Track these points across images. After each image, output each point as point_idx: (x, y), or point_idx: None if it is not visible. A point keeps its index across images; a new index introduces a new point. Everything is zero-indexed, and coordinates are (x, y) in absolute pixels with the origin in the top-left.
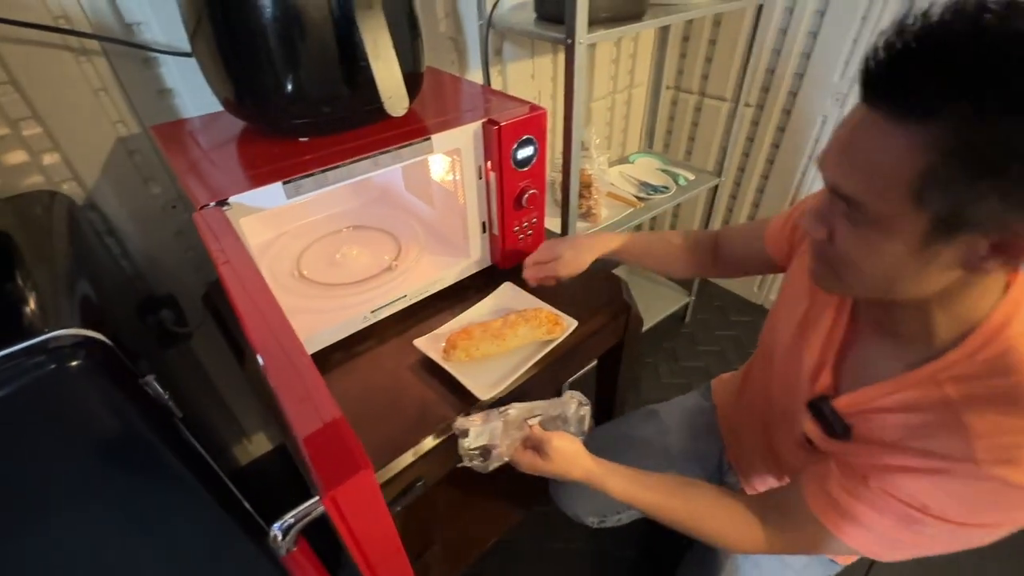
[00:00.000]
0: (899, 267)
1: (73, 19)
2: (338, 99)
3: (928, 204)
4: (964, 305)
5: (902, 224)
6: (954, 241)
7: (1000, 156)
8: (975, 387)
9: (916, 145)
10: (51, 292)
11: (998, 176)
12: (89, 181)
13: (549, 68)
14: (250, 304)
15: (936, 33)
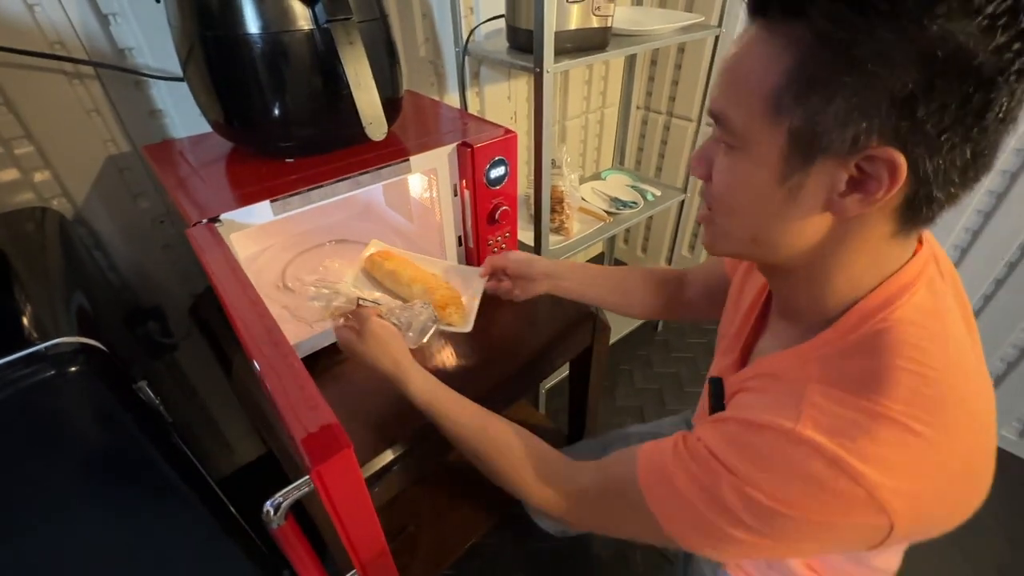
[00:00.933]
0: (764, 201)
1: (68, 44)
2: (321, 123)
3: (783, 114)
4: (849, 274)
5: (763, 142)
6: (814, 168)
7: (846, 49)
8: (837, 367)
9: (778, 49)
10: (48, 302)
11: (845, 74)
12: (79, 197)
13: (524, 90)
14: (244, 312)
15: None
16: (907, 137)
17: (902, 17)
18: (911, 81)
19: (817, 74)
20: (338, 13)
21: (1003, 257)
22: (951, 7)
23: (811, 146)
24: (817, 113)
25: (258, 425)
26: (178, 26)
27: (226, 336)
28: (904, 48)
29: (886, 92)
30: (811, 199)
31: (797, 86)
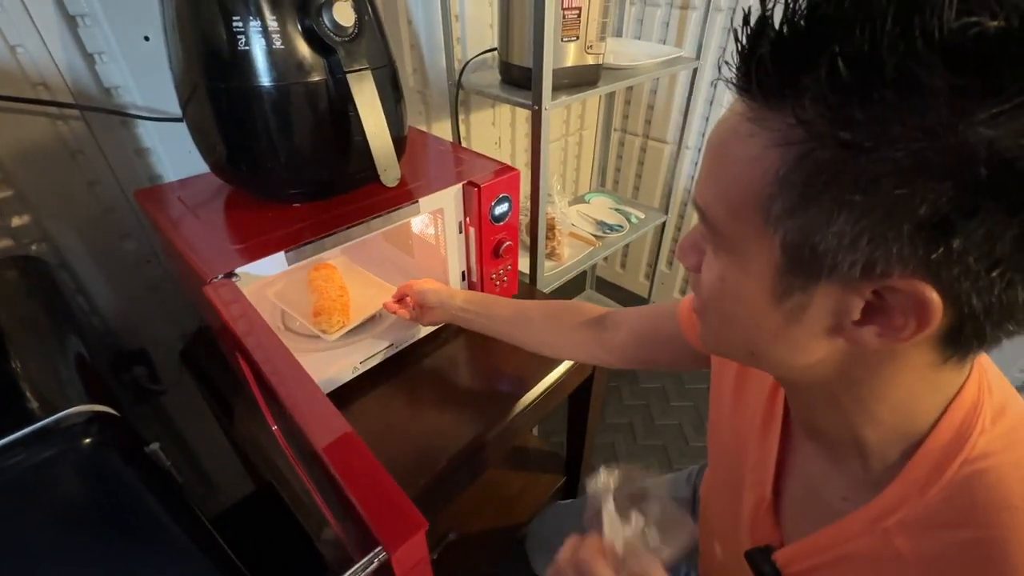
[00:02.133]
0: (760, 318)
1: (52, 85)
2: (331, 168)
3: (776, 224)
4: (894, 402)
5: (755, 252)
6: (816, 291)
7: (854, 156)
8: (932, 542)
9: (769, 139)
10: (49, 367)
11: (852, 186)
12: (61, 241)
13: (508, 115)
14: (282, 376)
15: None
16: (941, 270)
17: (927, 116)
18: (942, 202)
19: (812, 185)
20: (355, 64)
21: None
22: (1002, 107)
23: (811, 266)
24: (816, 231)
25: (267, 474)
26: (181, 71)
27: (225, 382)
28: (931, 158)
29: (907, 214)
30: (817, 324)
31: (789, 195)
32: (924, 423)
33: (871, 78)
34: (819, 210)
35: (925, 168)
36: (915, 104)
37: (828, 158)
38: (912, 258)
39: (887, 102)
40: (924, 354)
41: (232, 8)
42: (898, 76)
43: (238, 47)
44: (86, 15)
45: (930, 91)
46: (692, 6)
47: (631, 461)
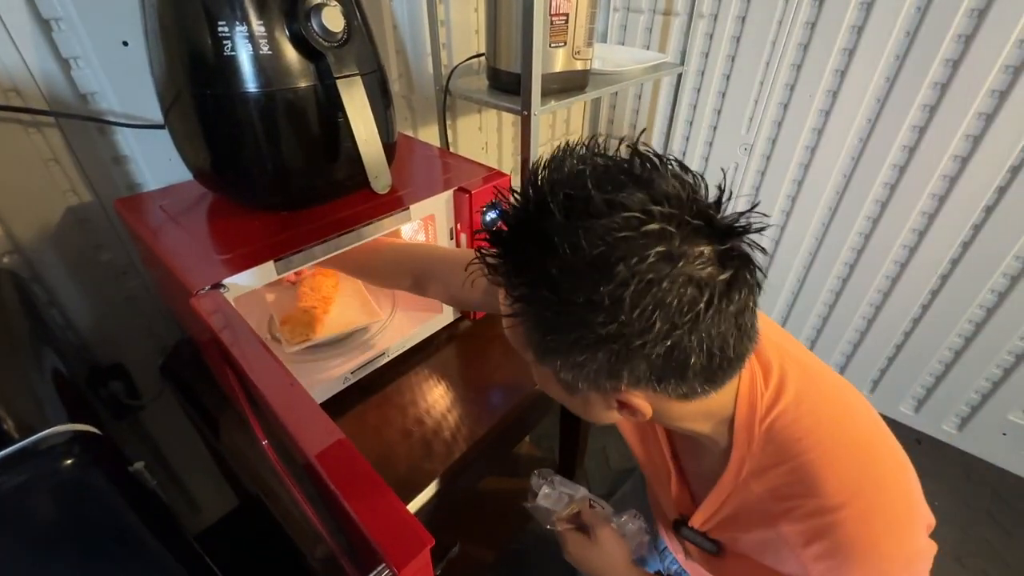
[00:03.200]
0: (570, 403)
1: (24, 92)
2: (319, 174)
3: (542, 364)
4: (695, 415)
5: (541, 370)
6: (587, 394)
7: (548, 337)
8: (771, 479)
9: (512, 305)
10: (25, 385)
11: (557, 353)
12: (33, 253)
13: (495, 120)
14: (274, 389)
15: (508, 224)
16: (633, 386)
17: (576, 315)
18: (606, 361)
19: (540, 351)
20: (344, 70)
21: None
22: (609, 312)
23: (571, 386)
24: (559, 371)
25: (255, 489)
26: (163, 77)
27: (209, 395)
28: (587, 340)
29: (594, 369)
30: (600, 408)
31: (533, 352)
32: (727, 410)
33: (541, 299)
34: (549, 364)
35: (586, 346)
36: (568, 310)
37: (538, 338)
38: (616, 384)
39: (553, 310)
40: (681, 403)
41: (217, 13)
42: (554, 296)
43: (224, 52)
44: (61, 19)
45: (573, 303)
46: (675, 12)
47: (623, 464)
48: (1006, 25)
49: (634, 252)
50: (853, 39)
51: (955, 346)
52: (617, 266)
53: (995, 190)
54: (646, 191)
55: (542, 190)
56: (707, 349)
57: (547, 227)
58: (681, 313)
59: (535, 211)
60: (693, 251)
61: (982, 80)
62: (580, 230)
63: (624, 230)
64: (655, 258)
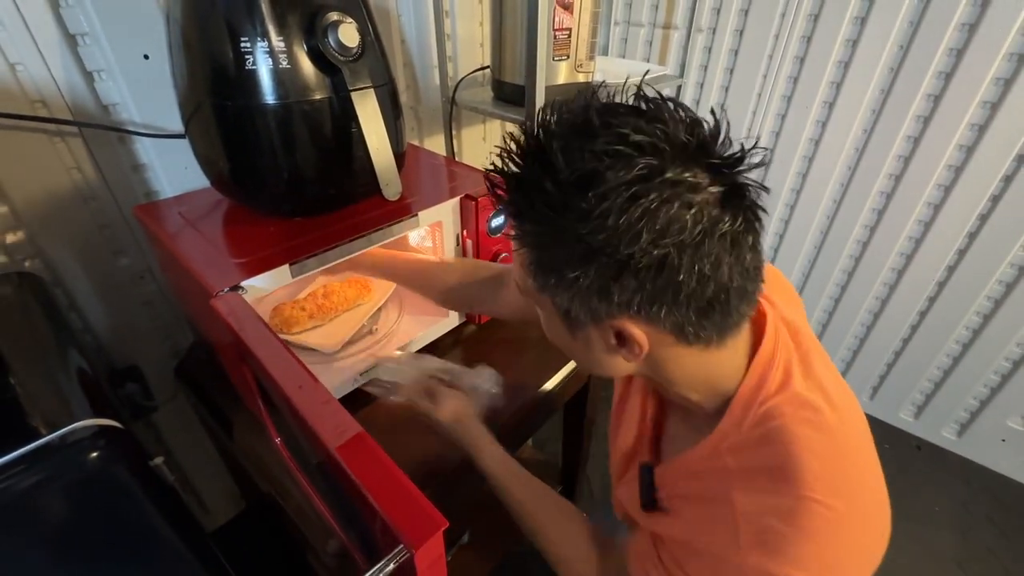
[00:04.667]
0: (571, 347)
1: (51, 103)
2: (333, 183)
3: (544, 292)
4: (694, 378)
5: (546, 306)
6: (587, 330)
7: (546, 252)
8: (749, 457)
9: (519, 237)
10: (51, 381)
11: (554, 273)
12: (55, 257)
13: (498, 131)
14: (294, 384)
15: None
16: (628, 310)
17: (568, 227)
18: (597, 277)
19: (540, 274)
20: (358, 83)
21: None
22: (596, 222)
23: (569, 318)
24: (556, 296)
25: (269, 488)
26: (185, 89)
27: (223, 397)
28: (578, 253)
29: (586, 286)
30: (600, 349)
31: (536, 280)
32: (729, 382)
33: (537, 214)
34: (550, 289)
35: (578, 259)
36: (557, 218)
37: (537, 259)
38: (609, 308)
39: (548, 224)
40: (681, 349)
41: (240, 29)
42: (545, 202)
43: (245, 66)
44: (87, 34)
45: (558, 209)
46: (674, 26)
47: None
48: (996, 39)
49: (622, 165)
50: (848, 52)
51: (954, 352)
52: (606, 174)
53: (989, 199)
54: (644, 118)
55: (548, 118)
56: (699, 272)
57: (549, 148)
58: (668, 227)
59: (542, 136)
60: (686, 172)
61: (974, 92)
62: (576, 150)
63: (616, 144)
64: (644, 169)
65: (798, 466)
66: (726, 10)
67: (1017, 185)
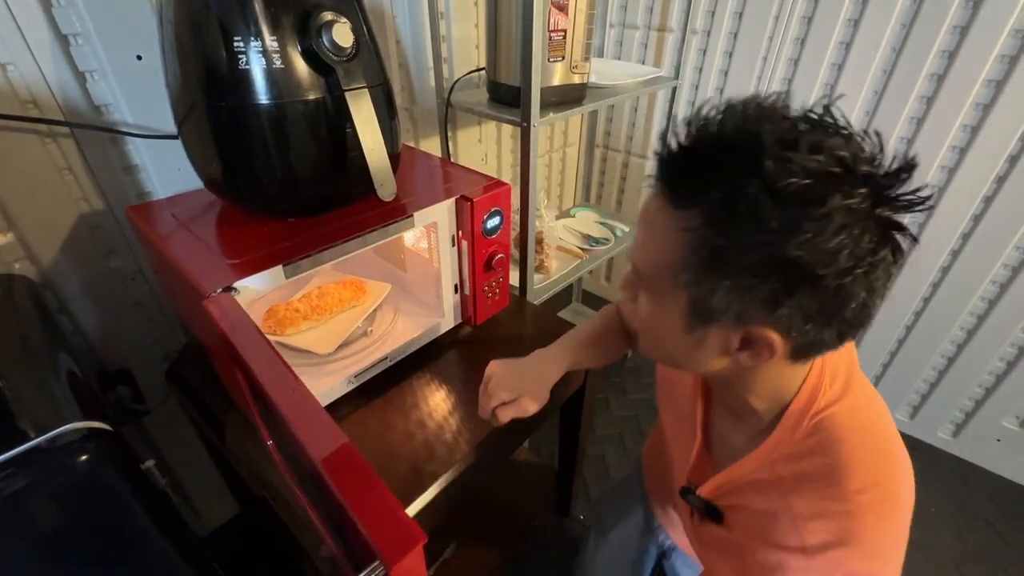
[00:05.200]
0: (675, 342)
1: (42, 104)
2: (327, 184)
3: (683, 287)
4: (767, 387)
5: (670, 301)
6: (711, 329)
7: (722, 253)
8: (802, 465)
9: (677, 230)
10: (41, 384)
11: (726, 273)
12: (45, 259)
13: (494, 132)
14: (279, 389)
15: (700, 135)
16: (779, 322)
17: (767, 238)
18: (775, 287)
19: (704, 266)
20: (352, 83)
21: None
22: (807, 240)
23: (706, 314)
24: (707, 295)
25: (261, 492)
26: (179, 89)
27: (215, 399)
28: (768, 263)
29: (756, 293)
30: (713, 348)
31: (690, 272)
32: (789, 394)
33: (733, 211)
34: (707, 285)
35: (764, 268)
36: (758, 228)
37: (712, 254)
38: (762, 315)
39: (743, 226)
40: (780, 363)
41: (233, 29)
42: (747, 211)
43: (238, 66)
44: (79, 34)
45: (769, 220)
46: (669, 28)
47: (623, 472)
48: (987, 41)
49: (840, 190)
50: (841, 55)
51: (948, 353)
52: (828, 197)
53: (982, 199)
54: (845, 143)
55: (747, 117)
56: (861, 301)
57: (755, 151)
58: (862, 258)
59: (737, 134)
60: (880, 207)
61: (967, 93)
62: (789, 161)
63: (835, 166)
64: (860, 200)
65: (848, 470)
66: (720, 13)
67: (1011, 185)
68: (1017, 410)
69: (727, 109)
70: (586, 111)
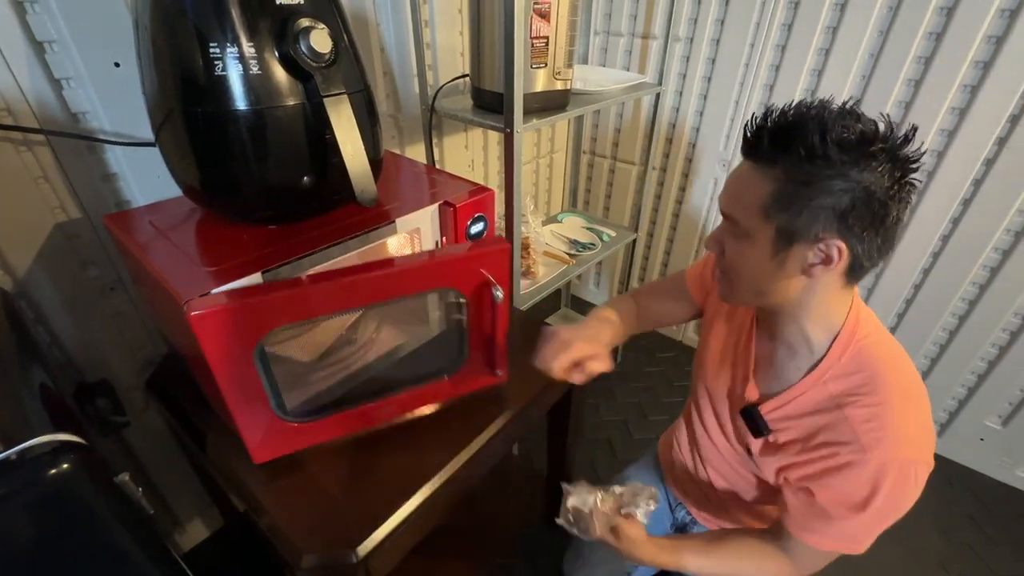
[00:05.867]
0: (762, 269)
1: (16, 111)
2: (307, 189)
3: (772, 218)
4: (822, 314)
5: (759, 233)
6: (792, 250)
7: (805, 186)
8: (848, 382)
9: (766, 180)
10: (11, 396)
11: (807, 199)
12: (20, 269)
13: (480, 139)
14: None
15: (779, 120)
16: (845, 233)
17: (836, 171)
18: (844, 205)
19: (790, 199)
20: (331, 89)
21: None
22: (862, 170)
23: (790, 237)
24: (792, 219)
25: (241, 503)
26: (155, 96)
27: (195, 410)
28: (840, 188)
29: (831, 210)
30: (792, 267)
31: (778, 204)
32: (839, 322)
33: (813, 158)
34: (793, 211)
35: (837, 190)
36: (830, 167)
37: (796, 187)
38: (833, 229)
39: (819, 167)
40: (837, 281)
41: (209, 35)
42: (823, 156)
43: (215, 73)
44: (54, 41)
45: (836, 162)
46: (653, 36)
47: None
48: (961, 49)
49: (875, 141)
50: (821, 61)
51: (930, 354)
52: (870, 147)
53: (960, 202)
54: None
55: (805, 108)
56: (895, 215)
57: (820, 121)
58: (895, 181)
59: (802, 116)
60: (900, 153)
61: (937, 111)
62: (844, 126)
63: (870, 129)
64: (888, 149)
65: (884, 379)
66: (703, 20)
67: (980, 200)
68: (999, 410)
69: (787, 105)
70: (570, 117)
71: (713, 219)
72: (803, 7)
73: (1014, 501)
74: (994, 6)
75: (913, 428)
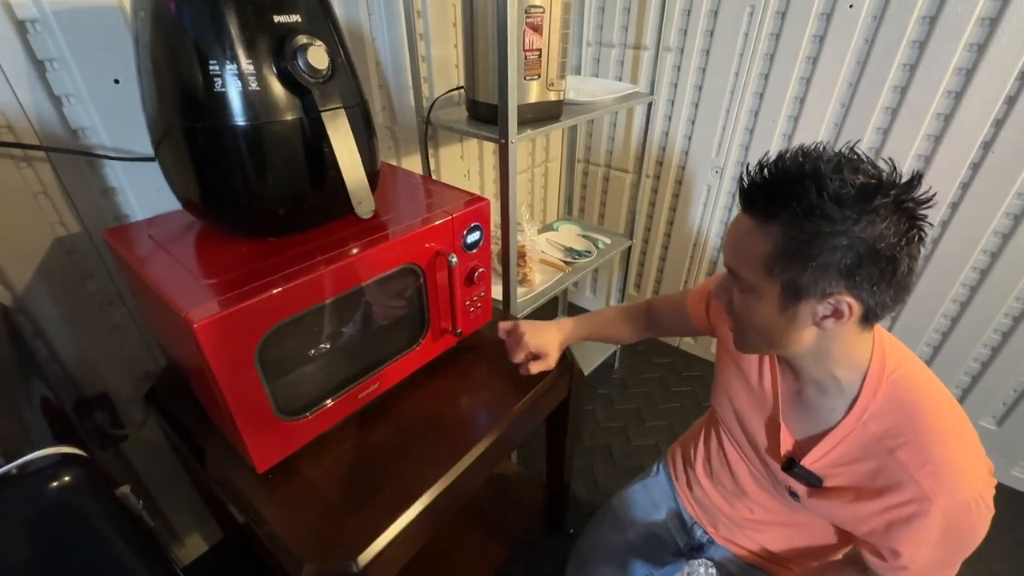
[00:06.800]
0: (773, 323)
1: (17, 128)
2: (305, 202)
3: (776, 276)
4: (845, 355)
5: (765, 290)
6: (801, 305)
7: (806, 246)
8: (887, 421)
9: (766, 237)
10: (12, 409)
11: (809, 259)
12: (20, 284)
13: (476, 149)
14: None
15: (773, 174)
16: (854, 289)
17: (837, 228)
18: (849, 262)
19: (791, 257)
20: (328, 103)
21: None
22: (865, 226)
23: (797, 294)
24: (797, 277)
25: (241, 516)
26: (155, 112)
27: (195, 423)
28: (843, 245)
29: (836, 268)
30: (802, 321)
31: (781, 263)
32: (865, 361)
33: (811, 216)
34: (796, 269)
35: (840, 248)
36: (830, 224)
37: (796, 249)
38: (841, 286)
39: (819, 224)
40: (853, 328)
41: (208, 52)
42: (821, 214)
43: (214, 89)
44: (55, 59)
45: (836, 219)
46: (644, 46)
47: (610, 485)
48: (944, 57)
49: (878, 193)
50: (809, 69)
51: (924, 356)
52: (872, 199)
53: (949, 205)
54: (873, 167)
55: (802, 158)
56: (907, 267)
57: (816, 177)
58: (903, 234)
59: (799, 169)
60: (904, 203)
61: (924, 114)
62: (842, 179)
63: (872, 179)
64: (892, 199)
65: (925, 416)
66: (692, 31)
67: (968, 201)
68: (994, 410)
69: (782, 155)
70: (564, 127)
71: (707, 225)
72: (789, 17)
73: (1011, 501)
74: None
75: (966, 464)
